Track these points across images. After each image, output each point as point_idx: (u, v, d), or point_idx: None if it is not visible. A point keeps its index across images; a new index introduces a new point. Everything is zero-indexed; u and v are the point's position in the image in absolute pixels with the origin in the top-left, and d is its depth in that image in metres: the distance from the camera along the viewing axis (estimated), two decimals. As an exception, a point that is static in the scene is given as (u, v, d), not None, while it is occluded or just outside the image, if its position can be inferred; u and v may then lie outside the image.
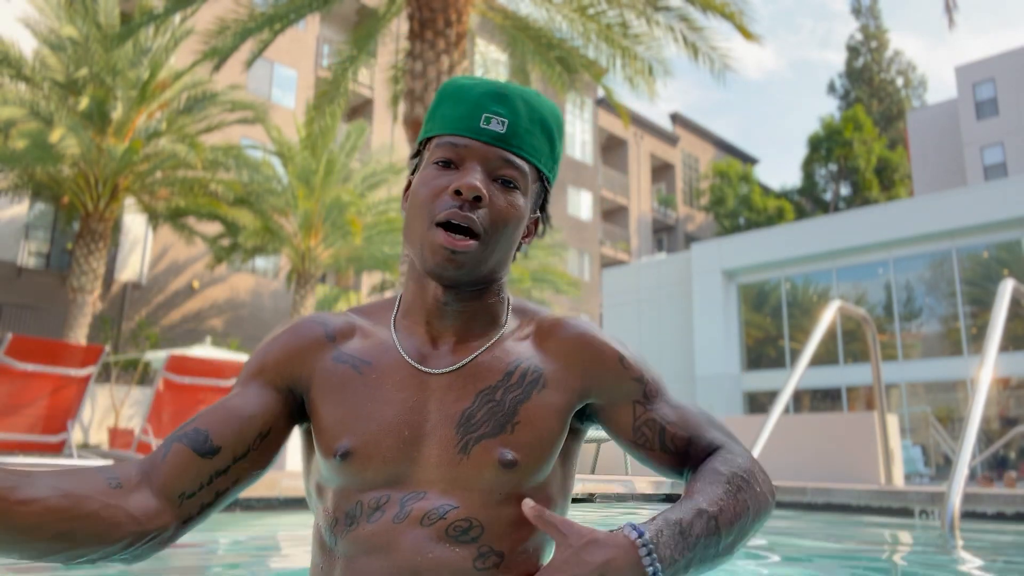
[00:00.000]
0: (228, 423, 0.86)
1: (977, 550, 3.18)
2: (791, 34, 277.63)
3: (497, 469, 0.84)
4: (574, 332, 0.94)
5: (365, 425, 0.86)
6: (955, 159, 27.82)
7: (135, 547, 0.79)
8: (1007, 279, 4.75)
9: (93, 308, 13.79)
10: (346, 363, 0.91)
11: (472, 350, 0.91)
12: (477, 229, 0.85)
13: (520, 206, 0.90)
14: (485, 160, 0.88)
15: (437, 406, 0.87)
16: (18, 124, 12.37)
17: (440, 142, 0.89)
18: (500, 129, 0.88)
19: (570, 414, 0.91)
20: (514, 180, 0.89)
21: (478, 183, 0.85)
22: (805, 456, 6.91)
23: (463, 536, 0.82)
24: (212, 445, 0.84)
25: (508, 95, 0.90)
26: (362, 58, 10.04)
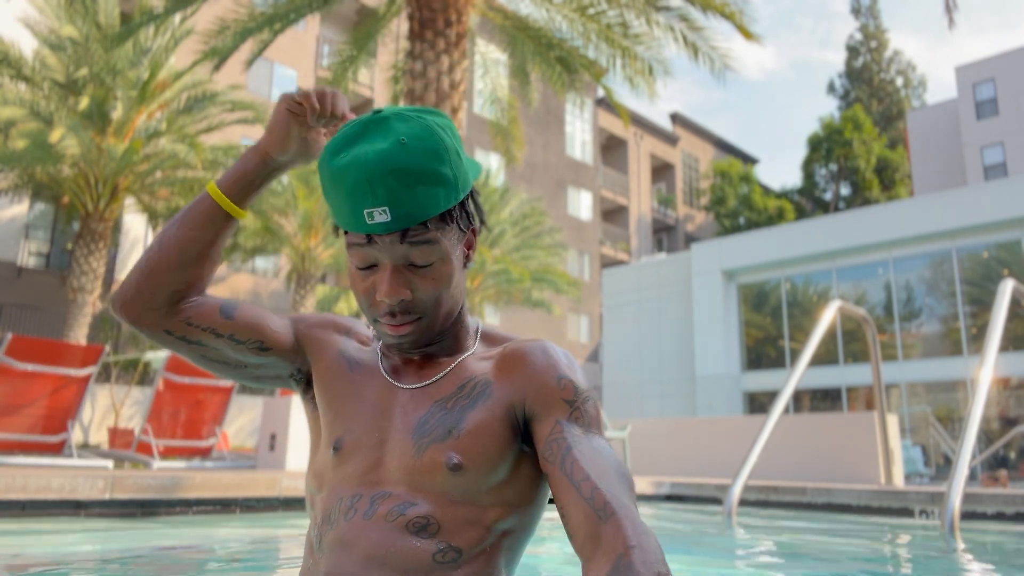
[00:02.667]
0: (252, 318, 1.03)
1: (977, 550, 3.18)
2: (791, 34, 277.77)
3: (446, 472, 0.92)
4: (524, 351, 0.99)
5: (351, 422, 0.98)
6: (955, 159, 27.82)
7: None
8: (1007, 279, 4.75)
9: (93, 308, 13.79)
10: (344, 359, 1.05)
11: (436, 370, 1.01)
12: (414, 317, 0.94)
13: (442, 273, 0.93)
14: (392, 254, 0.91)
15: (400, 413, 0.98)
16: (18, 124, 12.37)
17: (348, 241, 0.93)
18: (385, 218, 0.88)
19: (512, 422, 0.95)
20: (428, 258, 0.92)
21: (397, 287, 0.91)
22: (805, 456, 6.91)
23: (422, 532, 0.90)
24: (233, 315, 1.02)
25: (374, 179, 0.86)
26: (362, 58, 10.04)
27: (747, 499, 5.27)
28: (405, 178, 0.87)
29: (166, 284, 0.99)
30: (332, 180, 0.90)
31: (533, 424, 0.94)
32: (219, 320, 1.01)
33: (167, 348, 1.04)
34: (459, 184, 0.93)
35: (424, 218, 0.89)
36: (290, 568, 2.38)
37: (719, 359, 19.36)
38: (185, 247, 0.98)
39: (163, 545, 2.77)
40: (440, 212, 0.91)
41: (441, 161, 0.90)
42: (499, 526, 0.94)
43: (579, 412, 0.93)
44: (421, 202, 0.88)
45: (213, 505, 3.77)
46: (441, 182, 0.90)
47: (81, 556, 2.42)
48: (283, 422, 6.16)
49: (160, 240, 1.00)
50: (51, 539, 2.79)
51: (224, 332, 1.01)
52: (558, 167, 30.08)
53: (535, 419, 0.94)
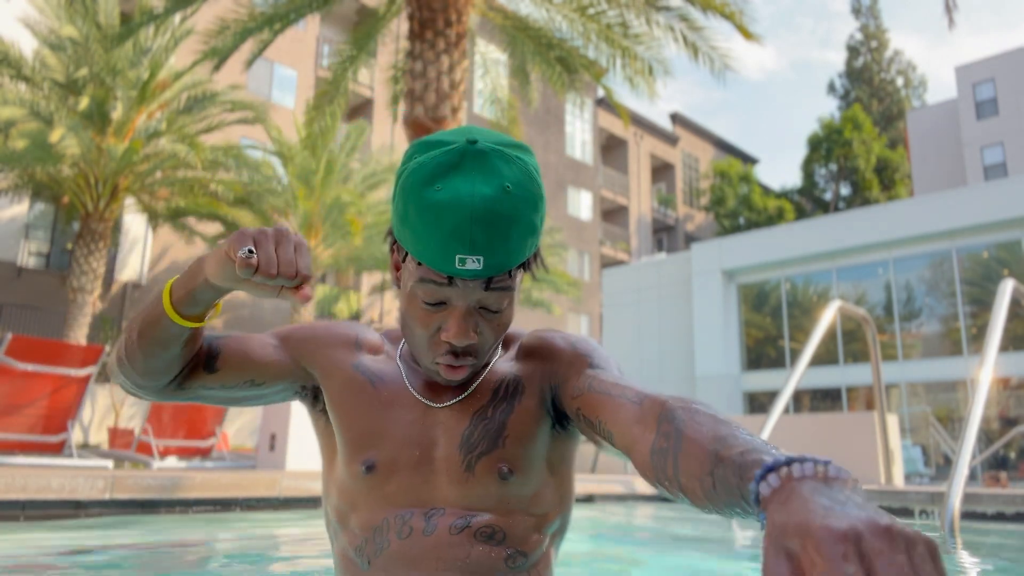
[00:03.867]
0: (236, 356, 1.00)
1: (977, 550, 3.19)
2: (791, 34, 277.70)
3: (499, 482, 0.93)
4: (539, 338, 1.02)
5: (382, 440, 0.96)
6: (955, 159, 27.82)
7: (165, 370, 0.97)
8: (1007, 279, 4.75)
9: (93, 308, 13.79)
10: (364, 375, 1.01)
11: (468, 384, 0.99)
12: (470, 361, 0.92)
13: (508, 317, 0.92)
14: (470, 296, 0.88)
15: (442, 431, 0.96)
16: (18, 124, 12.37)
17: (421, 276, 0.87)
18: (477, 267, 0.84)
19: (546, 408, 0.97)
20: (500, 302, 0.90)
21: (468, 331, 0.88)
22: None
23: (491, 539, 0.92)
24: (215, 366, 0.99)
25: (477, 225, 0.81)
26: (362, 58, 10.04)
27: (747, 499, 5.26)
28: (506, 228, 0.84)
29: (143, 383, 0.97)
30: (423, 212, 0.83)
31: (561, 393, 0.96)
32: (204, 376, 0.99)
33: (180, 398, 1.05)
34: (539, 232, 0.91)
35: (511, 267, 0.87)
36: (290, 568, 2.38)
37: (719, 359, 19.36)
38: (151, 362, 0.94)
39: (163, 545, 2.77)
40: (522, 259, 0.88)
41: (536, 210, 0.87)
42: (549, 529, 0.98)
43: (601, 368, 0.96)
44: (514, 252, 0.86)
45: (213, 505, 3.77)
46: (533, 232, 0.88)
47: (81, 556, 2.42)
48: (283, 422, 6.16)
49: (127, 349, 0.95)
50: (51, 539, 2.79)
51: (213, 384, 1.00)
52: (558, 167, 30.08)
53: (562, 386, 0.96)
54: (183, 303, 0.90)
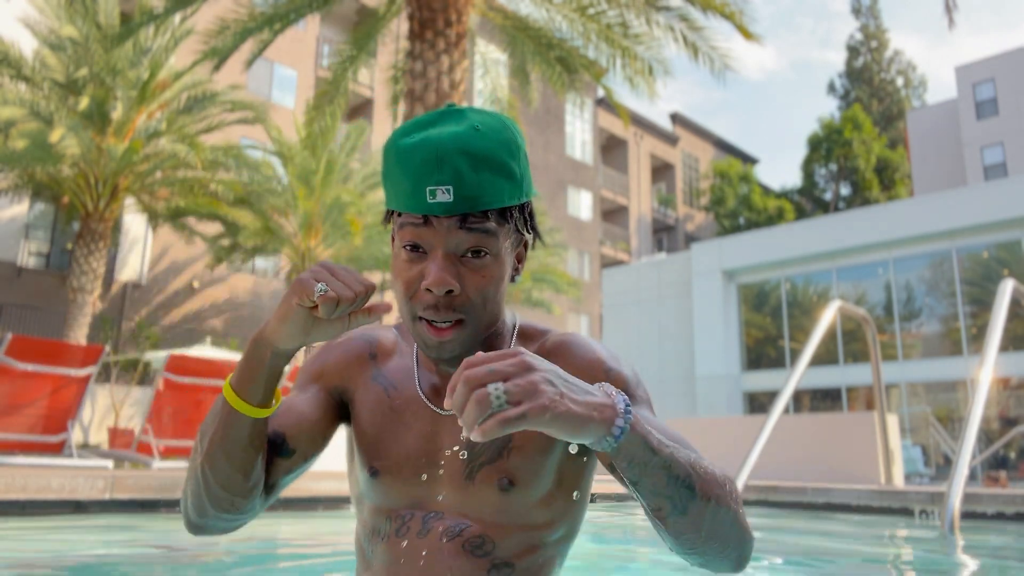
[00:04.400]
0: (301, 427, 0.96)
1: (977, 550, 3.18)
2: (791, 34, 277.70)
3: (498, 493, 0.92)
4: (565, 349, 0.97)
5: (389, 448, 0.97)
6: (955, 159, 27.82)
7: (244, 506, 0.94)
8: (1007, 279, 4.75)
9: (93, 308, 13.80)
10: (380, 384, 1.01)
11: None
12: (457, 316, 0.87)
13: (494, 272, 0.88)
14: (446, 239, 0.85)
15: (447, 437, 0.96)
16: (18, 124, 12.37)
17: (399, 223, 0.88)
18: (447, 197, 0.83)
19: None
20: (481, 247, 0.86)
21: (446, 276, 0.85)
22: (805, 456, 6.91)
23: (478, 550, 0.92)
24: (288, 448, 0.96)
25: (444, 156, 0.83)
26: (362, 58, 10.04)
27: (747, 499, 5.26)
28: (474, 162, 0.84)
29: (236, 509, 0.93)
30: (397, 159, 0.86)
31: None
32: (282, 463, 0.95)
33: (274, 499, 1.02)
34: (524, 186, 0.90)
35: (486, 206, 0.85)
36: (290, 568, 2.38)
37: (719, 359, 19.36)
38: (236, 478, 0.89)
39: (163, 545, 2.77)
40: (503, 206, 0.86)
41: (512, 156, 0.87)
42: (550, 538, 0.96)
43: (635, 393, 0.94)
44: (487, 189, 0.85)
45: (213, 505, 3.76)
46: (508, 175, 0.87)
47: (81, 556, 2.42)
48: (283, 422, 6.15)
49: (205, 486, 0.90)
50: (51, 539, 2.79)
51: (295, 466, 0.97)
52: (558, 167, 30.08)
53: None
54: (249, 391, 0.87)
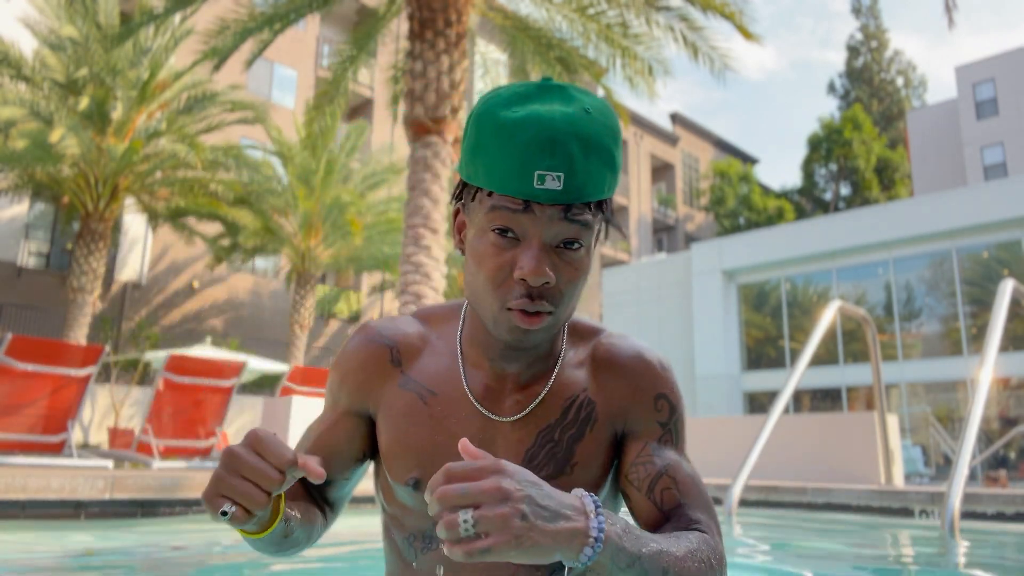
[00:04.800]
0: (331, 460, 0.95)
1: (977, 550, 3.18)
2: (791, 34, 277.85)
3: None
4: (623, 362, 0.94)
5: (433, 458, 0.90)
6: (955, 159, 27.82)
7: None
8: (1007, 279, 4.75)
9: (93, 308, 13.80)
10: (412, 390, 0.93)
11: (535, 389, 0.92)
12: (548, 308, 0.82)
13: (585, 264, 0.84)
14: (546, 228, 0.80)
15: (502, 445, 0.90)
16: (18, 124, 12.37)
17: (493, 204, 0.80)
18: (557, 185, 0.77)
19: (614, 442, 0.94)
20: (577, 239, 0.81)
21: (544, 267, 0.79)
22: (805, 456, 6.91)
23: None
24: (328, 499, 0.98)
25: (558, 139, 0.77)
26: (362, 58, 10.04)
27: (747, 499, 5.26)
28: (586, 148, 0.78)
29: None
30: (498, 133, 0.78)
31: (626, 438, 0.94)
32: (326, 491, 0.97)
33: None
34: (618, 177, 0.84)
35: (591, 198, 0.79)
36: (290, 568, 2.38)
37: (719, 359, 19.37)
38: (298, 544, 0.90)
39: (163, 545, 2.77)
40: (603, 197, 0.81)
41: (616, 144, 0.82)
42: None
43: (670, 435, 0.93)
44: (595, 179, 0.79)
45: (213, 505, 3.76)
46: (612, 165, 0.81)
47: (81, 556, 2.42)
48: (283, 422, 6.16)
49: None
50: (51, 539, 2.79)
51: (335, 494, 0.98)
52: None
53: (628, 435, 0.93)
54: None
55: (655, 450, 0.91)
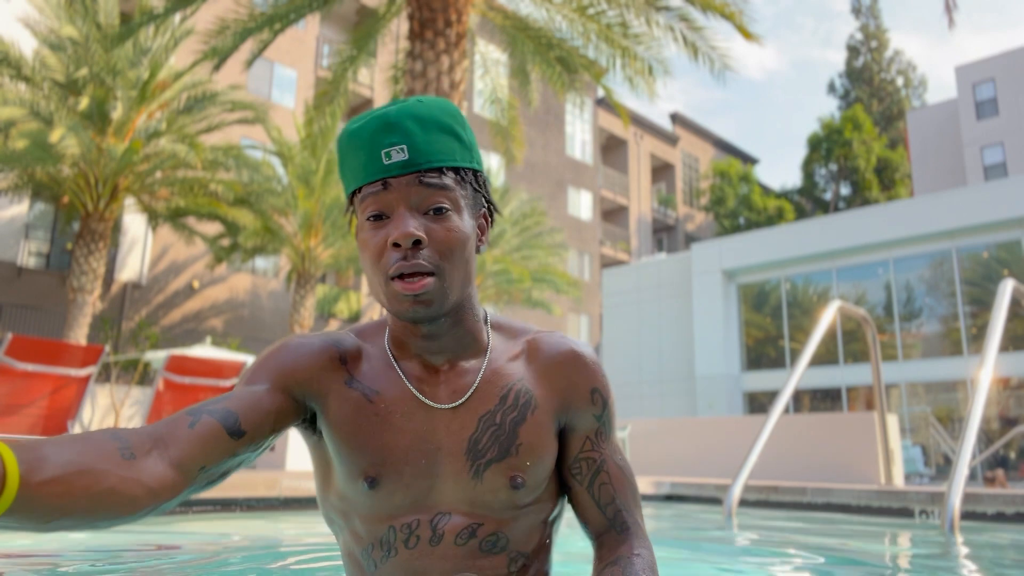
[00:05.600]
0: (254, 411, 0.87)
1: (977, 550, 3.18)
2: (792, 33, 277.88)
3: (509, 490, 0.92)
4: (558, 354, 0.99)
5: (384, 455, 0.92)
6: (955, 159, 27.82)
7: (144, 515, 0.78)
8: (1007, 279, 4.75)
9: (93, 308, 13.80)
10: (357, 390, 0.95)
11: (468, 378, 0.95)
12: (428, 268, 0.86)
13: (459, 227, 0.89)
14: (407, 198, 0.87)
15: (445, 434, 0.93)
16: (18, 124, 12.37)
17: (362, 195, 0.89)
18: (403, 156, 0.87)
19: (556, 428, 0.98)
20: (442, 203, 0.88)
21: (411, 228, 0.85)
22: (805, 456, 6.91)
23: (494, 548, 0.93)
24: (240, 428, 0.85)
25: (394, 120, 0.88)
26: (362, 58, 10.04)
27: (747, 499, 5.27)
28: (423, 123, 0.88)
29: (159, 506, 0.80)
30: (349, 141, 0.90)
31: (565, 432, 1.00)
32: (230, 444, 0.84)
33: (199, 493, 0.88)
34: (473, 154, 0.94)
35: (441, 163, 0.88)
36: (290, 568, 2.38)
37: (719, 359, 19.37)
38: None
39: (163, 545, 2.77)
40: (456, 165, 0.90)
41: (457, 122, 0.92)
42: (551, 517, 1.01)
43: (603, 427, 1.00)
44: (438, 146, 0.89)
45: (213, 505, 3.77)
46: (457, 138, 0.91)
47: (81, 556, 2.42)
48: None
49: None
50: (51, 539, 2.79)
51: (243, 449, 0.86)
52: (558, 167, 30.08)
53: (568, 429, 0.99)
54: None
55: (594, 445, 0.99)
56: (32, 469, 0.65)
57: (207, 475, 0.83)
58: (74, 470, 0.68)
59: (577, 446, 0.99)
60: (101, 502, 0.70)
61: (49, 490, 0.66)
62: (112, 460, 0.73)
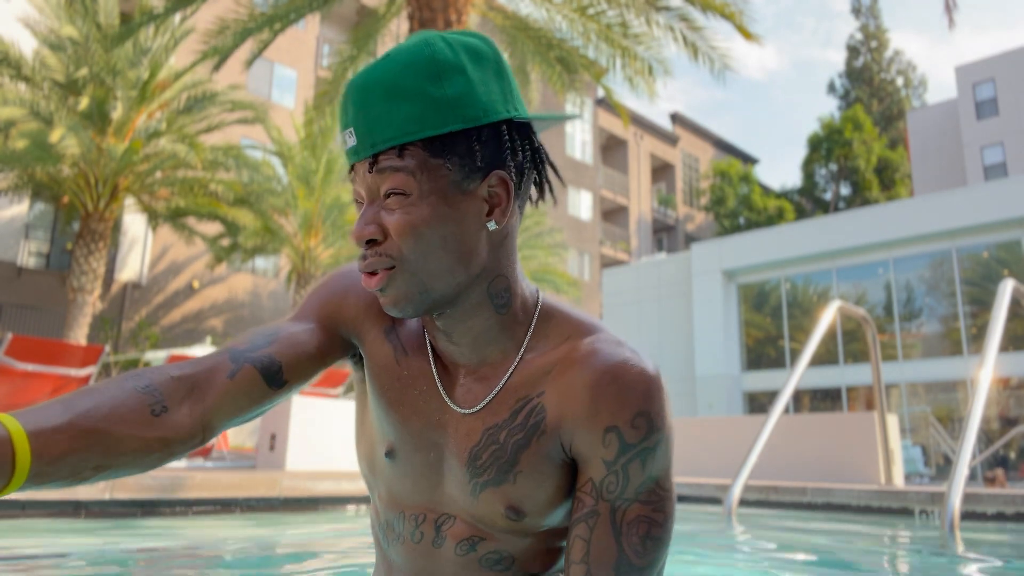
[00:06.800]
0: (299, 357, 0.83)
1: (977, 550, 3.18)
2: (793, 33, 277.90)
3: (505, 518, 0.82)
4: (590, 370, 0.78)
5: (400, 430, 0.86)
6: (955, 159, 27.82)
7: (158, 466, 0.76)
8: (1007, 279, 4.75)
9: (93, 308, 13.79)
10: (392, 344, 0.88)
11: (488, 383, 0.83)
12: (384, 264, 0.77)
13: (415, 214, 0.75)
14: (367, 187, 0.77)
15: (452, 436, 0.84)
16: (18, 124, 12.37)
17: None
18: (353, 141, 0.76)
19: (564, 459, 0.82)
20: (396, 188, 0.75)
21: (360, 227, 0.76)
22: (805, 456, 6.91)
23: (497, 565, 0.85)
24: (281, 379, 0.81)
25: (346, 98, 0.77)
26: (362, 58, 10.03)
27: (747, 499, 5.26)
28: (369, 95, 0.75)
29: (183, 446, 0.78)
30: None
31: (577, 462, 0.82)
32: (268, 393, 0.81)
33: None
34: (458, 109, 0.75)
35: (389, 141, 0.74)
36: (289, 569, 2.38)
37: (719, 359, 19.37)
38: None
39: (163, 545, 2.77)
40: (414, 137, 0.74)
41: (426, 77, 0.74)
42: (564, 542, 0.86)
43: (614, 478, 0.77)
44: (384, 121, 0.74)
45: (213, 505, 3.77)
46: (419, 99, 0.74)
47: (81, 556, 2.42)
48: (283, 422, 6.16)
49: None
50: (51, 539, 2.79)
51: (278, 398, 0.83)
52: (558, 167, 29.98)
53: (578, 461, 0.81)
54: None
55: (593, 489, 0.78)
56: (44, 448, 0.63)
57: (230, 425, 0.81)
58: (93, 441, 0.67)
59: (580, 481, 0.80)
60: (116, 466, 0.70)
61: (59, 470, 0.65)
62: (138, 422, 0.70)
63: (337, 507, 4.27)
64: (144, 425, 0.71)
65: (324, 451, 6.23)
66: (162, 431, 0.72)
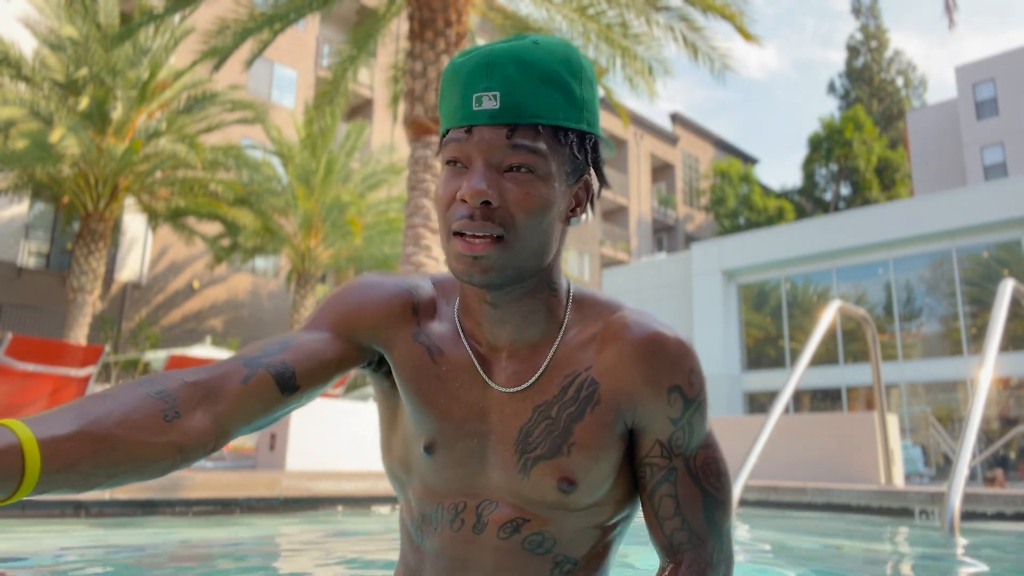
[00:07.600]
0: (313, 364, 0.83)
1: (977, 550, 3.18)
2: (793, 33, 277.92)
3: (557, 492, 0.84)
4: (636, 340, 0.84)
5: (441, 424, 0.87)
6: (955, 159, 27.82)
7: (171, 472, 0.75)
8: (1007, 279, 4.75)
9: (93, 308, 13.80)
10: (423, 344, 0.89)
11: (533, 361, 0.87)
12: (494, 231, 0.78)
13: (539, 193, 0.79)
14: (488, 151, 0.78)
15: (498, 418, 0.87)
16: (18, 124, 12.38)
17: (446, 139, 0.81)
18: (493, 104, 0.77)
19: (621, 428, 0.86)
20: (526, 164, 0.78)
21: (482, 186, 0.76)
22: (805, 456, 6.91)
23: (539, 548, 0.86)
24: (294, 384, 0.82)
25: (495, 62, 0.77)
26: (362, 58, 10.04)
27: (747, 499, 5.26)
28: (528, 70, 0.77)
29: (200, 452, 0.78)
30: (450, 76, 0.81)
31: (636, 432, 0.87)
32: (281, 400, 0.81)
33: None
34: (585, 112, 0.81)
35: (537, 119, 0.77)
36: (289, 569, 2.38)
37: (719, 359, 19.37)
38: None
39: (163, 545, 2.77)
40: (557, 124, 0.78)
41: (572, 74, 0.80)
42: (610, 523, 0.90)
43: (681, 432, 0.85)
44: (540, 100, 0.77)
45: (213, 505, 3.77)
46: (565, 91, 0.79)
47: (81, 556, 2.42)
48: (283, 422, 6.16)
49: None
50: (51, 539, 2.79)
51: (292, 405, 0.84)
52: (558, 167, 30.08)
53: (638, 430, 0.87)
54: None
55: (664, 450, 0.85)
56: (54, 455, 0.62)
57: (243, 432, 0.82)
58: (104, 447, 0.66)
59: (645, 449, 0.86)
60: (129, 472, 0.69)
61: (69, 477, 0.64)
62: (151, 428, 0.70)
63: (337, 507, 4.28)
64: (157, 431, 0.70)
65: (324, 451, 6.23)
66: (175, 436, 0.72)
